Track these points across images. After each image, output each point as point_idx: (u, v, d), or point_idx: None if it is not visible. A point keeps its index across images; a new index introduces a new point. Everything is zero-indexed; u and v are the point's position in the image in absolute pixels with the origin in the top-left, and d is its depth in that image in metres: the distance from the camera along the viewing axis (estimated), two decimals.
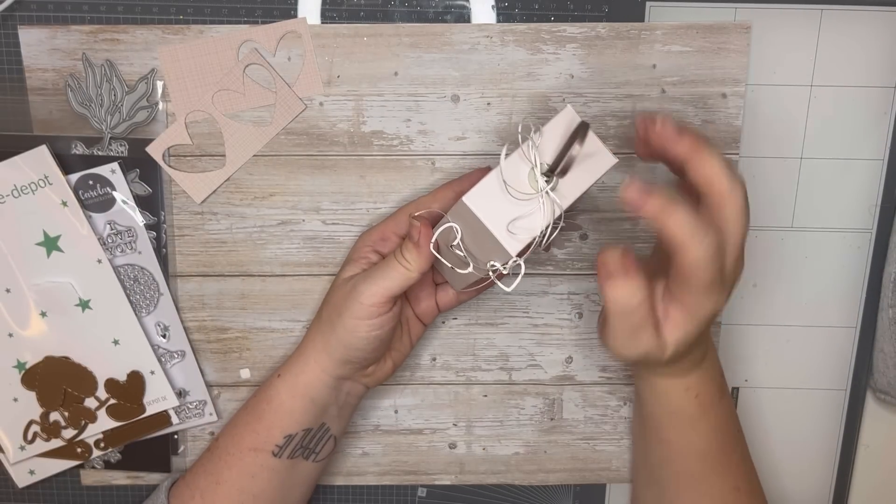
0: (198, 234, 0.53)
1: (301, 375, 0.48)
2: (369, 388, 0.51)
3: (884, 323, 0.54)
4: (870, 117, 0.52)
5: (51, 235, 0.50)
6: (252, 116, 0.51)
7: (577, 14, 0.50)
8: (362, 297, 0.44)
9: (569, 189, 0.41)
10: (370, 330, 0.45)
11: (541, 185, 0.40)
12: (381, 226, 0.49)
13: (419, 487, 0.58)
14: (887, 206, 0.53)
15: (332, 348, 0.47)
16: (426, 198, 0.48)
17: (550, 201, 0.40)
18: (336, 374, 0.48)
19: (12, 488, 0.55)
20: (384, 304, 0.45)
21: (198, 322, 0.54)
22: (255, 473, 0.48)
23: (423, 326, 0.52)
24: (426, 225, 0.44)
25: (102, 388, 0.53)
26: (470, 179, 0.47)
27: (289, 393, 0.48)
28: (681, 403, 0.47)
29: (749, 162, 0.53)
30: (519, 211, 0.40)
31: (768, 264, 0.54)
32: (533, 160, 0.40)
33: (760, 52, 0.51)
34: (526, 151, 0.40)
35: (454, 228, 0.42)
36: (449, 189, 0.48)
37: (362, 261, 0.48)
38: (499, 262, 0.41)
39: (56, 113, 0.50)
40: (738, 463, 0.49)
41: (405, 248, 0.44)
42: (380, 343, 0.47)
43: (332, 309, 0.47)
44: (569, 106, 0.41)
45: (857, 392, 0.57)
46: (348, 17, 0.50)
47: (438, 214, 0.45)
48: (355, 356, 0.47)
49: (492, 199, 0.40)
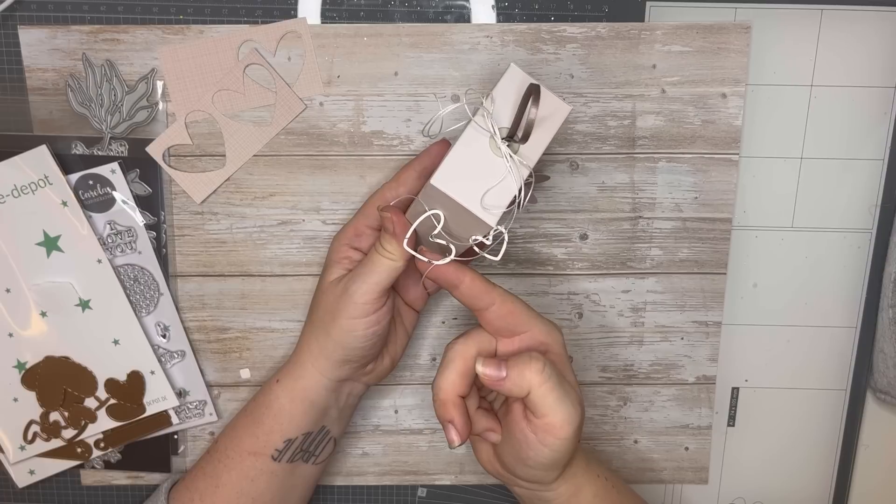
0: (198, 234, 0.53)
1: (300, 380, 0.48)
2: (369, 385, 0.51)
3: (884, 323, 0.54)
4: (870, 117, 0.52)
5: (51, 235, 0.50)
6: (252, 116, 0.51)
7: (577, 14, 0.50)
8: (355, 296, 0.44)
9: (532, 147, 0.41)
10: (367, 327, 0.45)
11: (504, 152, 0.40)
12: (352, 222, 0.49)
13: (419, 487, 0.58)
14: (887, 206, 0.53)
15: (329, 351, 0.47)
16: (390, 184, 0.48)
17: (517, 164, 0.40)
18: (335, 376, 0.48)
19: (12, 488, 0.55)
20: (378, 299, 0.45)
21: (198, 322, 0.54)
22: (255, 477, 0.48)
23: (416, 314, 0.51)
24: (397, 213, 0.44)
25: (102, 388, 0.53)
26: (430, 156, 0.47)
27: (288, 398, 0.48)
28: (597, 489, 0.48)
29: (749, 162, 0.53)
30: (489, 182, 0.40)
31: (768, 264, 0.54)
32: (491, 129, 0.40)
33: (760, 52, 0.51)
34: (482, 122, 0.40)
35: (433, 216, 0.42)
36: (411, 170, 0.47)
37: (344, 261, 0.48)
38: (480, 235, 0.41)
39: (56, 113, 0.50)
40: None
41: (384, 239, 0.44)
42: (377, 339, 0.47)
43: (326, 313, 0.47)
44: (513, 65, 0.41)
45: (857, 392, 0.57)
46: (348, 17, 0.50)
47: (409, 199, 0.45)
48: (354, 355, 0.47)
49: (459, 176, 0.40)
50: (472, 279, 0.43)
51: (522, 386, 0.42)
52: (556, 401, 0.42)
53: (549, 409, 0.42)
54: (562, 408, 0.42)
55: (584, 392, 0.56)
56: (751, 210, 0.54)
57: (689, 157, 0.52)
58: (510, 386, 0.42)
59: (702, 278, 0.54)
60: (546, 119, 0.41)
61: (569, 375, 0.45)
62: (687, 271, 0.54)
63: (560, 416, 0.42)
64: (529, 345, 0.44)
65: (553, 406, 0.42)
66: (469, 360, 0.44)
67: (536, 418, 0.42)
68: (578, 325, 0.55)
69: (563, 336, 0.45)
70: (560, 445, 0.43)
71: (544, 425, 0.42)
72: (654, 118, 0.51)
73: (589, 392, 0.56)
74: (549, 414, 0.42)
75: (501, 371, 0.42)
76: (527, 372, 0.42)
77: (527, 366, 0.42)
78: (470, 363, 0.44)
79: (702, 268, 0.54)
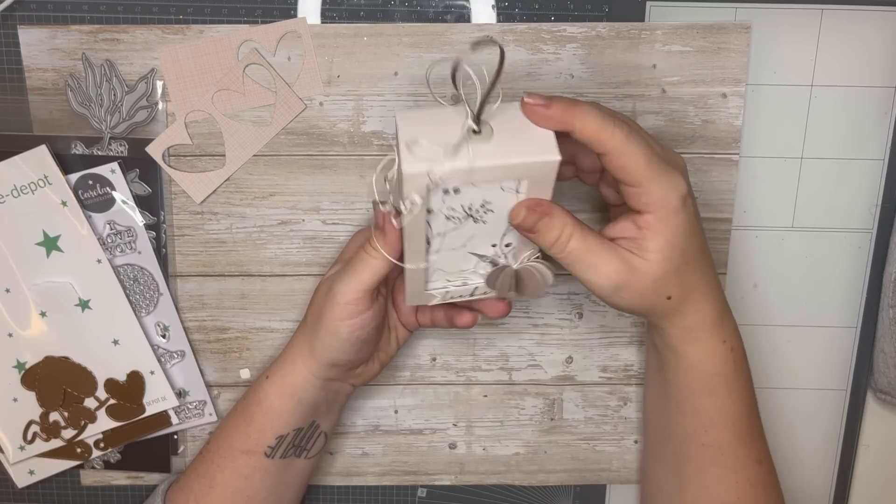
0: (198, 233, 0.53)
1: (289, 377, 0.48)
2: (356, 386, 0.51)
3: (884, 323, 0.54)
4: (870, 117, 0.52)
5: (50, 235, 0.50)
6: (252, 116, 0.51)
7: (578, 14, 0.50)
8: (338, 296, 0.44)
9: (490, 152, 0.37)
10: (351, 331, 0.45)
11: (469, 126, 0.37)
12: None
13: (419, 488, 0.58)
14: (887, 206, 0.53)
15: (317, 352, 0.47)
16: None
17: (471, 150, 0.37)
18: (323, 375, 0.48)
19: (12, 488, 0.55)
20: (360, 300, 0.44)
21: (198, 322, 0.54)
22: (248, 475, 0.48)
23: (408, 333, 0.51)
24: (385, 213, 0.41)
25: (102, 389, 0.53)
26: None
27: (277, 394, 0.48)
28: (718, 362, 0.44)
29: (749, 162, 0.53)
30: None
31: (768, 264, 0.54)
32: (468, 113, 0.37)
33: (760, 52, 0.51)
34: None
35: (412, 199, 0.38)
36: None
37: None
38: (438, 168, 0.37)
39: (56, 113, 0.50)
40: (760, 433, 0.47)
41: (372, 237, 0.43)
42: (363, 344, 0.46)
43: (312, 312, 0.47)
44: (398, 113, 0.38)
45: (857, 392, 0.57)
46: (348, 16, 0.50)
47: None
48: (340, 359, 0.46)
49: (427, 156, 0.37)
50: (585, 117, 0.38)
51: (565, 121, 0.37)
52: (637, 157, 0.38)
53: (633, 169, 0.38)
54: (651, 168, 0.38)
55: (583, 392, 0.56)
56: (751, 210, 0.53)
57: (689, 156, 0.52)
58: (556, 119, 0.37)
59: None
60: (528, 147, 0.38)
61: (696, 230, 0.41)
62: None
63: (651, 181, 0.38)
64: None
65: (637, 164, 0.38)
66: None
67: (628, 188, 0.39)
68: (578, 325, 0.55)
69: (687, 198, 0.40)
70: (663, 225, 0.39)
71: (633, 195, 0.39)
72: (655, 118, 0.51)
73: (589, 392, 0.56)
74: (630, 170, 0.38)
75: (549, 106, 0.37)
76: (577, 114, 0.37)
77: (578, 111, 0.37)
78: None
79: None
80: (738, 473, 0.46)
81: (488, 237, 0.42)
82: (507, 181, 0.39)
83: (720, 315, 0.44)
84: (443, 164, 0.37)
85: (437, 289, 0.45)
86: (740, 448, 0.46)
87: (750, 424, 0.46)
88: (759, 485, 0.46)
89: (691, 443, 0.47)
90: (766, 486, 0.47)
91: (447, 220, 0.40)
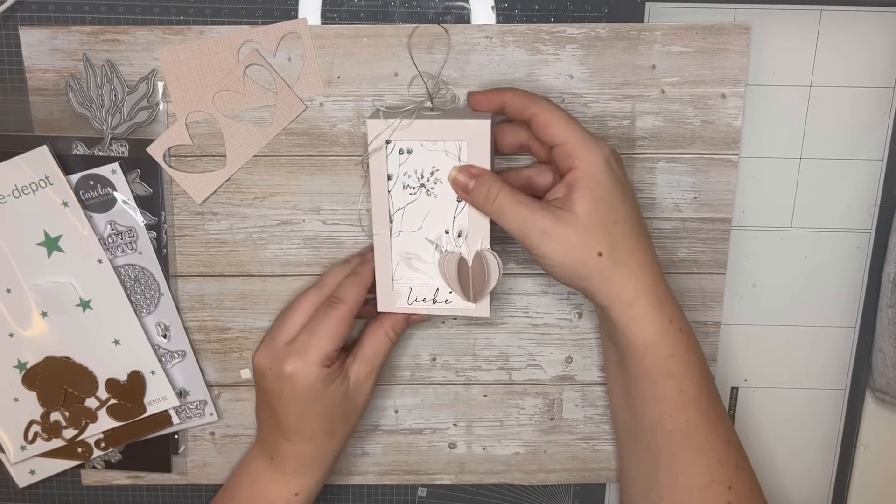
0: (198, 234, 0.53)
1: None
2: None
3: (883, 323, 0.54)
4: (870, 117, 0.52)
5: (51, 235, 0.51)
6: (252, 117, 0.51)
7: (577, 15, 0.50)
8: (365, 386, 0.50)
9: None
10: (372, 386, 0.51)
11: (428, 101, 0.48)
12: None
13: (419, 487, 0.58)
14: (886, 206, 0.53)
15: (330, 459, 0.51)
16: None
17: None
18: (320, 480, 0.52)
19: (13, 488, 0.55)
20: (330, 355, 0.48)
21: (198, 322, 0.54)
22: None
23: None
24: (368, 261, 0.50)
25: (103, 388, 0.53)
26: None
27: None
28: (670, 342, 0.45)
29: (749, 162, 0.53)
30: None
31: (768, 264, 0.54)
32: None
33: (760, 52, 0.51)
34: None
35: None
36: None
37: (325, 360, 0.49)
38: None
39: (57, 113, 0.51)
40: (724, 415, 0.48)
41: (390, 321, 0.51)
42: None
43: (333, 420, 0.50)
44: (368, 121, 0.46)
45: (856, 392, 0.57)
46: (348, 17, 0.50)
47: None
48: (357, 423, 0.52)
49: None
50: (512, 94, 0.46)
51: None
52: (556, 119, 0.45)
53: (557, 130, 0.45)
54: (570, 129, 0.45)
55: (583, 391, 0.56)
56: (750, 210, 0.54)
57: (688, 157, 0.52)
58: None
59: (701, 278, 0.54)
60: (459, 129, 0.46)
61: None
62: (686, 271, 0.54)
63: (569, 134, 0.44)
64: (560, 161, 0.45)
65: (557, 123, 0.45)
66: None
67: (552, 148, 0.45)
68: (578, 325, 0.55)
69: (611, 159, 0.45)
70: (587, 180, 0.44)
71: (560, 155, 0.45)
72: (654, 118, 0.51)
73: (589, 392, 0.56)
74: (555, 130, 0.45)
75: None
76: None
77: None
78: None
79: (701, 268, 0.54)
80: (707, 455, 0.46)
81: (441, 220, 0.48)
82: (449, 143, 0.46)
83: (661, 293, 0.46)
84: (397, 118, 0.46)
85: (403, 285, 0.50)
86: (707, 429, 0.47)
87: (711, 405, 0.47)
88: (730, 464, 0.47)
89: (659, 431, 0.47)
90: (737, 466, 0.47)
91: (404, 190, 0.48)
